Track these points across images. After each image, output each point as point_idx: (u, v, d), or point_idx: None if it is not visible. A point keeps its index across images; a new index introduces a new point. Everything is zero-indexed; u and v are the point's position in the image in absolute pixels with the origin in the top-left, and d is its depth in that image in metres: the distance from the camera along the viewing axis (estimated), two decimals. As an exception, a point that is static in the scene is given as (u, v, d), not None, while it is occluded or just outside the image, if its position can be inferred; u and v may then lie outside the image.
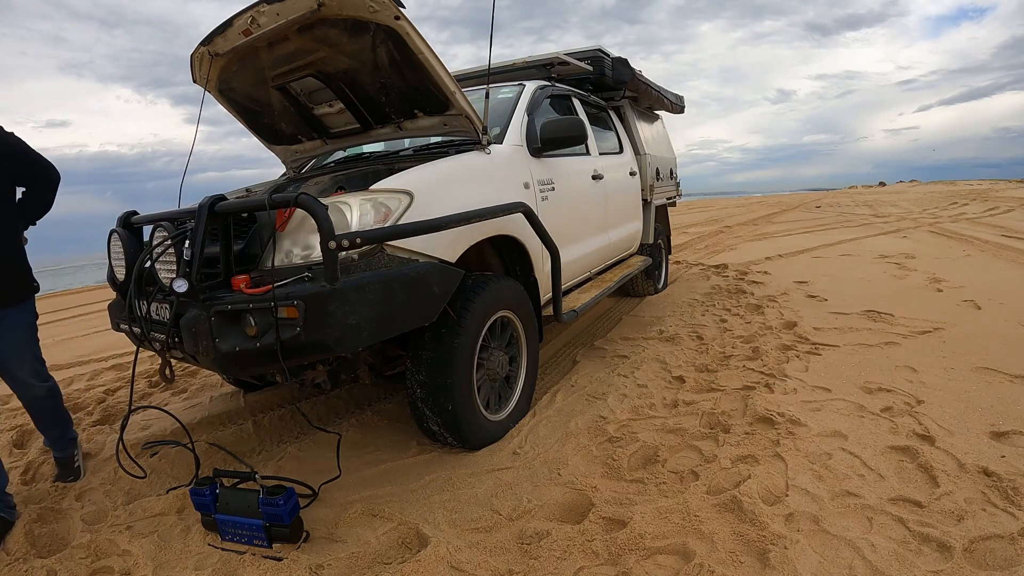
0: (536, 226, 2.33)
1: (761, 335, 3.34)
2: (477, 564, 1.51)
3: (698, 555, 1.46)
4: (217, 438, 2.46)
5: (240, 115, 2.85)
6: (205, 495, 1.68)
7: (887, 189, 31.77)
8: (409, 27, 2.01)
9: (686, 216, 15.62)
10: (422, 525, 1.68)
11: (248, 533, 1.63)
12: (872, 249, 6.61)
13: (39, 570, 1.61)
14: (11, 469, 2.24)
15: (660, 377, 2.80)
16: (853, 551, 1.44)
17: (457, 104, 2.25)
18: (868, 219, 10.69)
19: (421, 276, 1.80)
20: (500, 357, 2.28)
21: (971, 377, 2.49)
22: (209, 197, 1.75)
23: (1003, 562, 1.37)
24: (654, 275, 4.71)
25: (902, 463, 1.84)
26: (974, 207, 11.96)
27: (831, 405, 2.30)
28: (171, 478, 2.14)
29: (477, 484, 1.92)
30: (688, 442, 2.09)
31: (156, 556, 1.65)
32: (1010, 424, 2.02)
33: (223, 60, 2.45)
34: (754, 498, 1.65)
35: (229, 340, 1.65)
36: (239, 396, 2.92)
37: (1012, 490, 1.62)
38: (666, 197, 4.93)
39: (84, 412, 2.91)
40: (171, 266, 1.76)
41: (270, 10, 2.08)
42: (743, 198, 32.28)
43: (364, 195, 1.80)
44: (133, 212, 2.20)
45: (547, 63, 3.40)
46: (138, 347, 1.94)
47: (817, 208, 15.74)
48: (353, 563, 1.56)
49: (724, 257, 6.97)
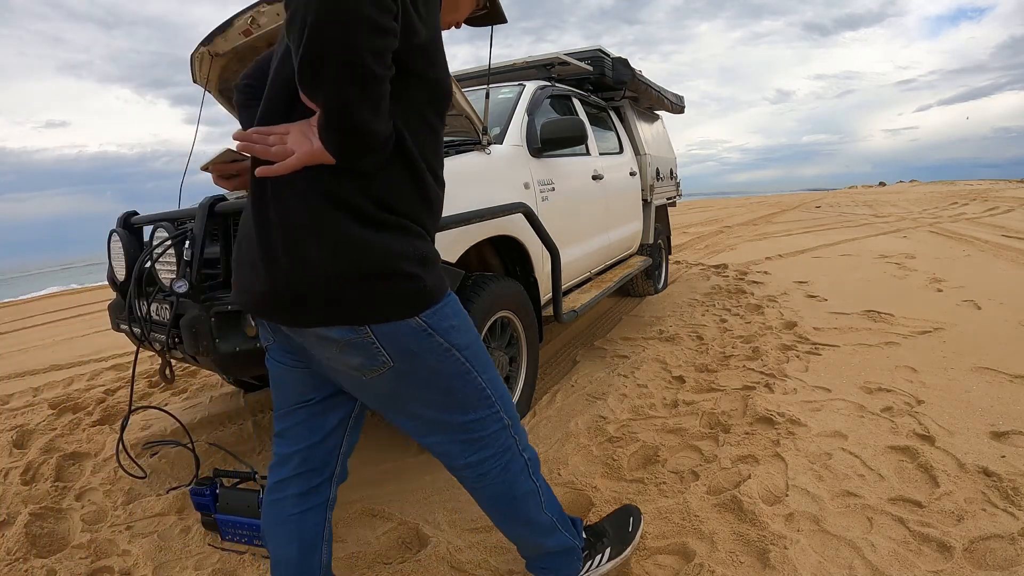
0: (536, 226, 2.33)
1: (761, 335, 3.34)
2: (477, 564, 1.51)
3: (698, 555, 1.46)
4: (217, 438, 2.46)
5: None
6: (205, 495, 1.68)
7: (887, 189, 31.79)
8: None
9: (686, 216, 15.63)
10: (422, 525, 1.68)
11: (248, 533, 1.63)
12: (872, 249, 6.61)
13: (39, 570, 1.60)
14: (11, 469, 2.25)
15: (660, 377, 2.80)
16: (853, 551, 1.44)
17: (457, 104, 2.25)
18: (868, 219, 10.69)
19: (421, 276, 1.80)
20: (500, 357, 2.28)
21: (971, 377, 2.49)
22: (209, 197, 1.75)
23: (1003, 562, 1.37)
24: (654, 275, 4.71)
25: (902, 463, 1.84)
26: (974, 207, 11.96)
27: (831, 405, 2.30)
28: (171, 478, 2.14)
29: (477, 484, 1.92)
30: (688, 442, 2.09)
31: (156, 556, 1.65)
32: (1010, 424, 2.02)
33: (223, 60, 2.45)
34: (754, 498, 1.66)
35: (229, 340, 1.66)
36: (239, 396, 2.92)
37: (1012, 490, 1.62)
38: (666, 197, 4.93)
39: (84, 412, 2.91)
40: (171, 266, 1.76)
41: (270, 10, 2.08)
42: (743, 198, 32.29)
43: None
44: (133, 212, 2.20)
45: (547, 63, 3.40)
46: (138, 347, 1.94)
47: (817, 208, 15.74)
48: (353, 563, 1.56)
49: (724, 257, 6.97)
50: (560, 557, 1.25)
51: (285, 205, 0.89)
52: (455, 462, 1.11)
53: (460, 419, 1.05)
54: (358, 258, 0.88)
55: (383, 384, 0.98)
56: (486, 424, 1.08)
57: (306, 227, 0.87)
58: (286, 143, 0.86)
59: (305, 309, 0.91)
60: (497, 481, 1.12)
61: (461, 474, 1.13)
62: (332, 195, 0.87)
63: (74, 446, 2.48)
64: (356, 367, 0.96)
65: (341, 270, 0.88)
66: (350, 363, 0.95)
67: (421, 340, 0.95)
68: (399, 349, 0.94)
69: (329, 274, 0.88)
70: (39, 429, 2.70)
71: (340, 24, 0.70)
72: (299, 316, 0.93)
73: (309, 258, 0.87)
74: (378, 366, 0.95)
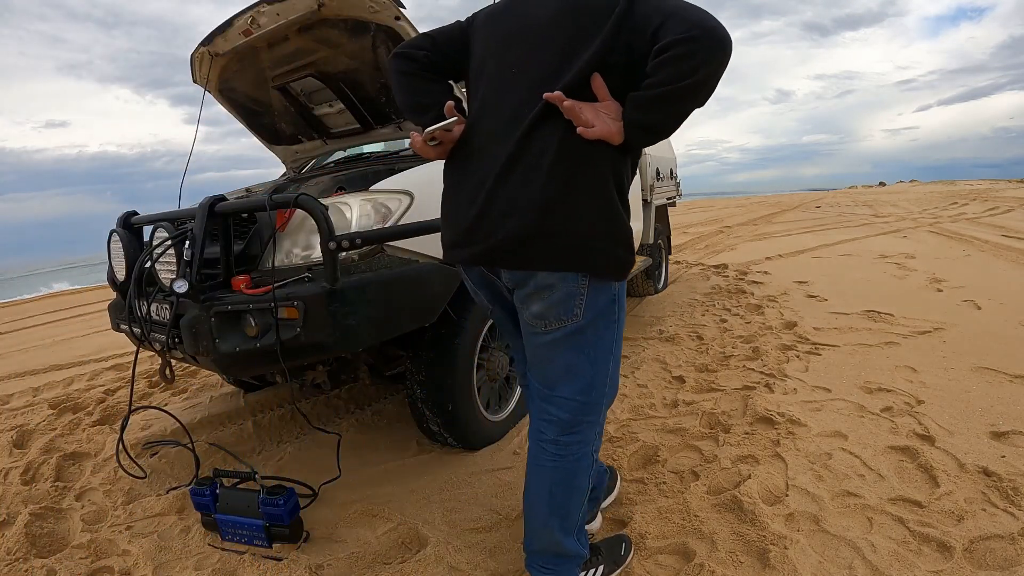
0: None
1: (761, 335, 3.34)
2: (476, 564, 1.51)
3: (698, 555, 1.46)
4: (217, 438, 2.46)
5: (240, 115, 2.85)
6: (205, 495, 1.68)
7: (887, 189, 31.77)
8: (409, 27, 2.01)
9: (686, 216, 15.63)
10: (422, 525, 1.68)
11: (248, 533, 1.64)
12: (872, 249, 6.61)
13: (39, 570, 1.60)
14: (11, 469, 2.25)
15: (660, 377, 2.80)
16: (853, 551, 1.44)
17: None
18: (868, 219, 10.69)
19: (421, 277, 1.80)
20: (500, 358, 2.28)
21: (971, 377, 2.49)
22: (209, 197, 1.75)
23: (1003, 562, 1.37)
24: (654, 275, 4.71)
25: (902, 463, 1.84)
26: (974, 207, 11.96)
27: (831, 405, 2.30)
28: (171, 478, 2.14)
29: (477, 484, 1.92)
30: (688, 442, 2.09)
31: (156, 556, 1.65)
32: (1010, 424, 2.02)
33: (223, 60, 2.45)
34: (754, 498, 1.66)
35: (229, 340, 1.65)
36: (239, 396, 2.92)
37: (1012, 490, 1.62)
38: (666, 197, 4.93)
39: (84, 412, 2.91)
40: (171, 266, 1.76)
41: (270, 10, 2.08)
42: (743, 198, 32.30)
43: (364, 195, 1.80)
44: (133, 212, 2.19)
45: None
46: (138, 347, 1.94)
47: (817, 208, 15.74)
48: (353, 563, 1.56)
49: (724, 257, 6.97)
50: (566, 561, 1.29)
51: (566, 164, 1.06)
52: (550, 434, 1.22)
53: (582, 398, 1.19)
54: (611, 221, 1.08)
55: (556, 336, 1.14)
56: (591, 411, 1.21)
57: (584, 186, 1.06)
58: (591, 118, 1.04)
59: (543, 251, 1.07)
60: (569, 466, 1.22)
61: (545, 446, 1.23)
62: (609, 166, 1.08)
63: (74, 446, 2.48)
64: (549, 316, 1.12)
65: (599, 227, 1.07)
66: (548, 311, 1.12)
67: (609, 306, 1.15)
68: (593, 307, 1.12)
69: (588, 224, 1.06)
70: (39, 429, 2.70)
71: (722, 68, 0.98)
72: (534, 257, 1.08)
73: (579, 209, 1.05)
74: (568, 318, 1.12)
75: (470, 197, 1.13)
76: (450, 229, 1.21)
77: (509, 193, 1.08)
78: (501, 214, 1.08)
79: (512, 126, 1.09)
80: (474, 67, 1.23)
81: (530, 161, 1.07)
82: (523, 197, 1.06)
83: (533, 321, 1.15)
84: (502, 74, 1.15)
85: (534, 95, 1.06)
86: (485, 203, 1.10)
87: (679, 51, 0.95)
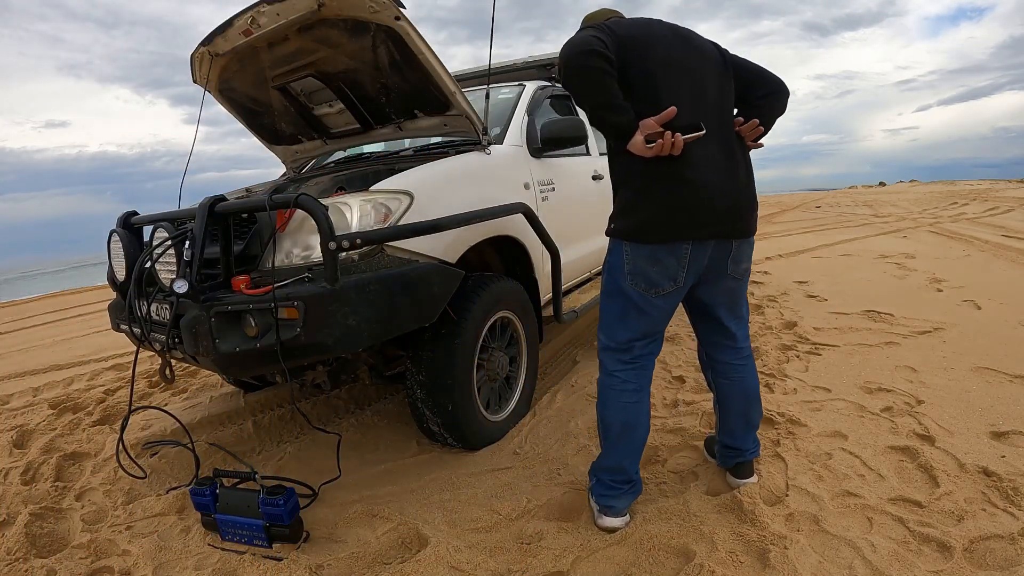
0: (536, 227, 2.33)
1: (761, 335, 3.34)
2: (477, 564, 1.51)
3: (698, 555, 1.46)
4: (217, 438, 2.46)
5: (240, 115, 2.85)
6: (205, 495, 1.68)
7: (887, 189, 31.76)
8: (409, 27, 2.01)
9: (686, 216, 15.59)
10: (422, 525, 1.68)
11: (248, 533, 1.64)
12: (872, 249, 6.61)
13: (39, 570, 1.61)
14: (11, 469, 2.25)
15: (660, 377, 2.80)
16: (853, 551, 1.44)
17: (457, 104, 2.25)
18: (868, 219, 10.68)
19: (421, 277, 1.80)
20: (500, 358, 2.28)
21: (971, 377, 2.49)
22: (209, 198, 1.75)
23: (1003, 562, 1.37)
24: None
25: (902, 463, 1.84)
26: (974, 207, 11.95)
27: (831, 405, 2.30)
28: (171, 478, 2.14)
29: (477, 484, 1.92)
30: (688, 442, 2.09)
31: (156, 556, 1.65)
32: (1010, 424, 2.02)
33: (223, 60, 2.45)
34: (754, 498, 1.66)
35: (229, 341, 1.65)
36: (239, 396, 2.92)
37: (1012, 490, 1.63)
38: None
39: (84, 412, 2.91)
40: (171, 267, 1.76)
41: (270, 10, 2.08)
42: (743, 198, 32.21)
43: (364, 196, 1.80)
44: (133, 212, 2.19)
45: (547, 63, 3.40)
46: (138, 347, 1.94)
47: (817, 208, 15.73)
48: (353, 563, 1.56)
49: (724, 257, 6.95)
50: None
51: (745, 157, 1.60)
52: (745, 342, 1.75)
53: (746, 315, 1.77)
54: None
55: (746, 279, 1.66)
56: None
57: (749, 172, 1.59)
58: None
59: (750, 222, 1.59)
60: (754, 368, 1.78)
61: (743, 356, 1.74)
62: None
63: (74, 446, 2.48)
64: (745, 270, 1.63)
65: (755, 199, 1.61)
66: (748, 263, 1.64)
67: (751, 252, 1.67)
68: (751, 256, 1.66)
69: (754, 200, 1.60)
70: (39, 429, 2.70)
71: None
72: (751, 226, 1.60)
73: (751, 189, 1.59)
74: (748, 266, 1.65)
75: (721, 189, 1.48)
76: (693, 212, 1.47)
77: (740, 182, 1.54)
78: (748, 199, 1.56)
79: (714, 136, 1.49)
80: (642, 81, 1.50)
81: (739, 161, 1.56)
82: (749, 186, 1.57)
83: (739, 273, 1.62)
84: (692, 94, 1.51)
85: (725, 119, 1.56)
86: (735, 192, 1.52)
87: None
